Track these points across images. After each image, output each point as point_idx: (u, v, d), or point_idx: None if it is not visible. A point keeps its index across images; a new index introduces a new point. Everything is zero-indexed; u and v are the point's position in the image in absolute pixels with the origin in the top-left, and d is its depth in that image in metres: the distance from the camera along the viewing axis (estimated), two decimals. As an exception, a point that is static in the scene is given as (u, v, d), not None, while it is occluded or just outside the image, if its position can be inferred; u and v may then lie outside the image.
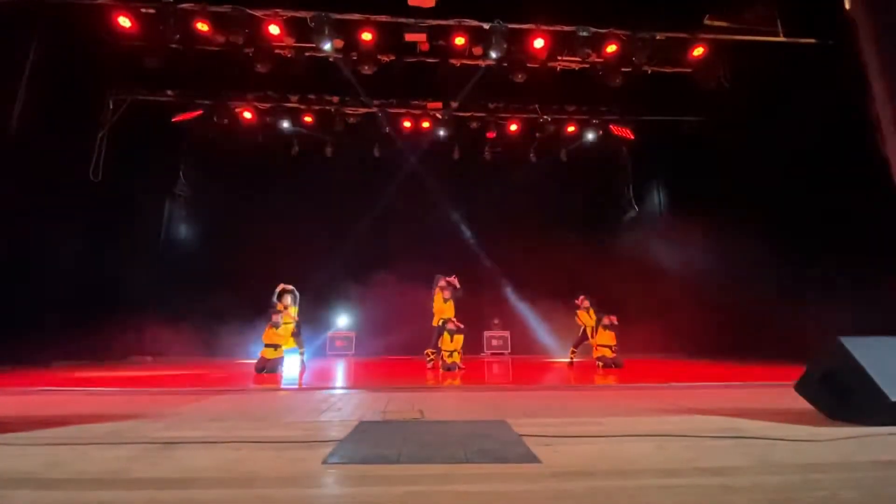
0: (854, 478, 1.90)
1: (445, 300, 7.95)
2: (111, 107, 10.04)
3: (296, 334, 7.61)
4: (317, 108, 10.84)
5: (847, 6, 6.62)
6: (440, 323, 7.87)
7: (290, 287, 7.64)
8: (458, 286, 7.95)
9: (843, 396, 3.00)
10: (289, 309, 7.68)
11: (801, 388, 3.32)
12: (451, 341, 7.50)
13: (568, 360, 8.79)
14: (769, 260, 8.19)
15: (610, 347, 7.93)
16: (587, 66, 9.10)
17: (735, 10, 8.26)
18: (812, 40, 7.89)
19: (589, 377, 6.70)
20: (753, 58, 8.54)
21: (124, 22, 7.89)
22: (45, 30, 7.56)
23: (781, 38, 8.13)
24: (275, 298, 7.49)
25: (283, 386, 5.78)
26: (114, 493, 1.77)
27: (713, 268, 9.53)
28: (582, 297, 8.76)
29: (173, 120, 10.42)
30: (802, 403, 3.26)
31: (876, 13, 6.00)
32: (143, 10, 7.93)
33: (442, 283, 8.04)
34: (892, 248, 6.08)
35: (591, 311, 8.63)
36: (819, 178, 7.39)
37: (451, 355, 7.41)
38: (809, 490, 1.76)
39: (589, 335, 8.45)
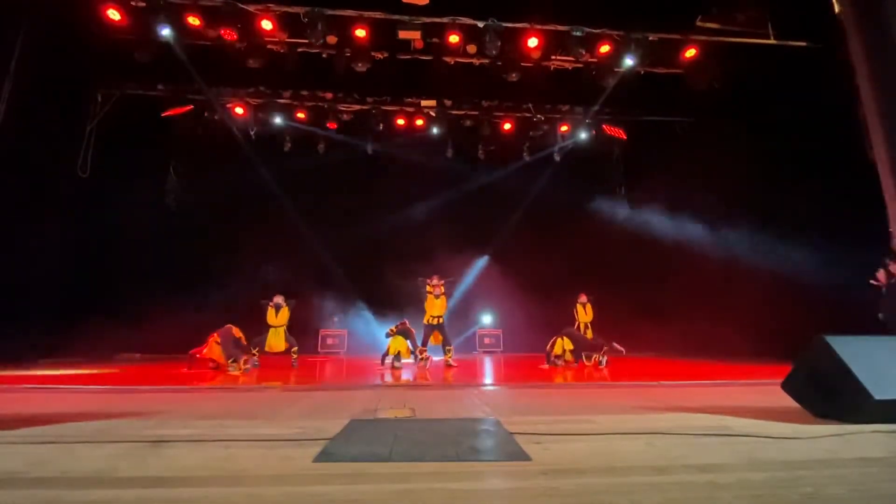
0: (839, 474, 1.94)
1: (437, 297, 8.01)
2: (100, 101, 9.88)
3: (288, 337, 7.68)
4: (310, 104, 10.76)
5: (836, 9, 6.70)
6: (429, 321, 7.97)
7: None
8: (431, 283, 8.03)
9: (828, 394, 3.05)
10: (283, 308, 7.70)
11: (788, 386, 3.36)
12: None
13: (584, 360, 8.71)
14: (759, 259, 8.28)
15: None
16: (581, 65, 9.13)
17: (727, 13, 8.33)
18: (802, 43, 7.98)
19: (581, 375, 6.74)
20: (745, 59, 8.62)
21: (114, 15, 7.77)
22: (33, 22, 7.42)
23: (772, 41, 8.22)
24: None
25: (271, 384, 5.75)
26: (101, 492, 1.75)
27: (705, 267, 9.61)
28: (582, 293, 8.89)
29: (163, 115, 10.28)
30: (789, 401, 3.31)
31: (865, 17, 6.08)
32: (133, 3, 7.81)
33: (434, 280, 8.07)
34: (881, 249, 6.17)
35: (588, 308, 8.73)
36: (810, 179, 7.48)
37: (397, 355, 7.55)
38: (795, 487, 1.78)
39: (582, 329, 8.57)
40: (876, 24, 5.82)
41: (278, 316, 7.66)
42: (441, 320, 7.99)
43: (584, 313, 8.76)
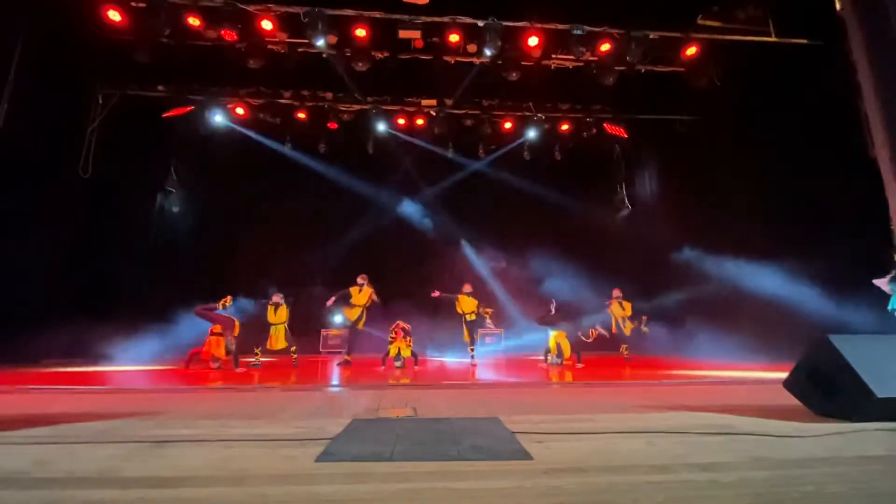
0: (840, 472, 1.93)
1: (468, 294, 8.58)
2: (100, 102, 9.89)
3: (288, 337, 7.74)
4: (310, 104, 10.75)
5: (838, 7, 6.68)
6: (465, 318, 8.50)
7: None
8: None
9: (830, 393, 3.04)
10: (281, 306, 7.76)
11: (790, 384, 3.36)
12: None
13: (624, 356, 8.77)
14: (760, 257, 8.26)
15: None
16: (581, 64, 9.11)
17: (728, 11, 8.31)
18: (803, 40, 7.96)
19: (582, 374, 6.74)
20: (745, 57, 8.60)
21: (114, 15, 7.77)
22: (33, 23, 7.43)
23: (773, 39, 8.20)
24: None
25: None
26: (103, 493, 1.75)
27: (705, 265, 9.60)
28: (616, 289, 8.95)
29: (164, 115, 10.29)
30: (791, 400, 3.31)
31: (866, 14, 6.06)
32: (133, 4, 7.81)
33: (467, 288, 8.56)
34: (882, 246, 6.16)
35: (625, 303, 8.78)
36: (810, 177, 7.47)
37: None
38: (797, 485, 1.78)
39: (621, 326, 8.58)
40: (877, 21, 5.81)
41: (277, 314, 7.75)
42: (474, 317, 8.53)
43: (620, 309, 8.76)
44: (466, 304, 8.51)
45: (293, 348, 7.80)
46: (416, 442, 2.45)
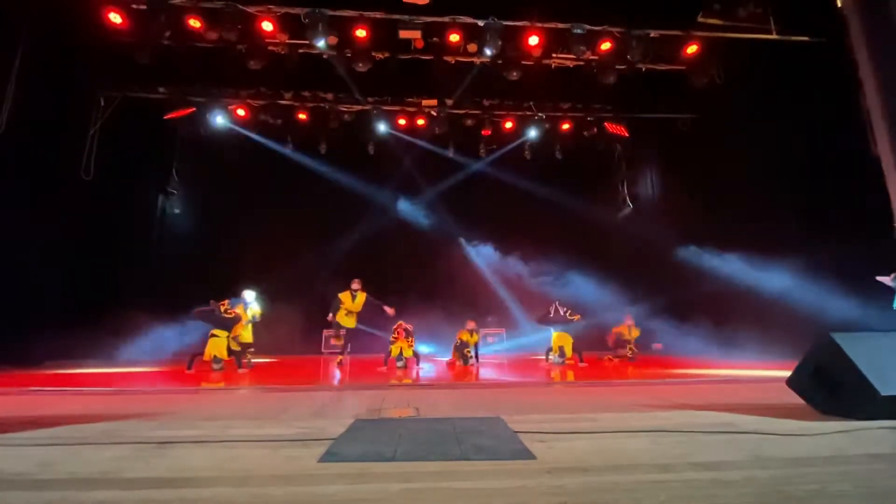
0: (844, 471, 1.93)
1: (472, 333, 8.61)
2: (102, 104, 9.92)
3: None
4: (311, 105, 10.77)
5: (839, 3, 6.66)
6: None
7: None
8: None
9: (834, 391, 3.03)
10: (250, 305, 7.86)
11: (793, 382, 3.35)
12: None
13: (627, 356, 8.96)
14: (762, 255, 8.25)
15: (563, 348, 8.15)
16: (581, 63, 9.10)
17: (728, 8, 8.29)
18: (804, 38, 7.94)
19: (583, 374, 6.73)
20: (746, 55, 8.58)
21: (115, 18, 7.79)
22: (35, 26, 7.45)
23: (774, 36, 8.18)
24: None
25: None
26: (107, 493, 1.76)
27: (706, 263, 9.59)
28: (628, 315, 9.26)
29: (165, 117, 10.31)
30: (794, 398, 3.30)
31: (867, 10, 6.04)
32: (135, 6, 7.83)
33: (471, 325, 8.59)
34: (883, 243, 6.13)
35: (633, 329, 9.09)
36: (812, 175, 7.44)
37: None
38: (800, 483, 1.78)
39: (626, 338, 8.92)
40: (878, 18, 5.79)
41: (249, 311, 7.94)
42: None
43: (627, 333, 9.04)
44: (464, 337, 8.56)
45: (251, 349, 7.87)
46: (418, 442, 2.45)
